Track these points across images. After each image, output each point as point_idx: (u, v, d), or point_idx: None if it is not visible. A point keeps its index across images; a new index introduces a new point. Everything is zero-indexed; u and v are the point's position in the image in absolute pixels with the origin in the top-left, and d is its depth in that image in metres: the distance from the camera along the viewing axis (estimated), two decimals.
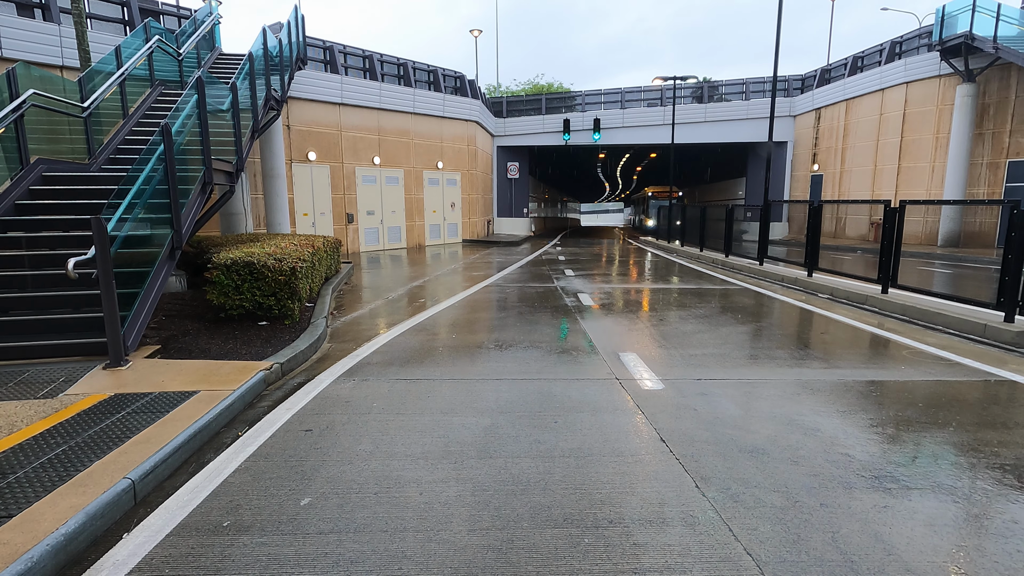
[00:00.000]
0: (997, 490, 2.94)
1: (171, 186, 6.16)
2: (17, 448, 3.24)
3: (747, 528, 2.61)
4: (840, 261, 13.51)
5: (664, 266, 14.69)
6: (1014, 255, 6.07)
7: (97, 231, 4.67)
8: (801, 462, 3.27)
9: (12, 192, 6.87)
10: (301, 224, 17.44)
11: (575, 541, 2.52)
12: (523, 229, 30.21)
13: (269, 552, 2.46)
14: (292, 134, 17.10)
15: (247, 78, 9.72)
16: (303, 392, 4.59)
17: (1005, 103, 18.21)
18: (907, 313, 7.49)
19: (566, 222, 61.03)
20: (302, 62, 16.38)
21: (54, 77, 8.07)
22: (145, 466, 3.03)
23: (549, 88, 47.30)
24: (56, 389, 4.27)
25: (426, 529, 2.62)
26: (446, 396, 4.45)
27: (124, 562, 2.41)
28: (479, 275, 12.50)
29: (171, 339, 5.89)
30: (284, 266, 6.67)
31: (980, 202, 12.58)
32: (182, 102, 6.94)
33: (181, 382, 4.45)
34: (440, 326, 7.13)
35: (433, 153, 21.85)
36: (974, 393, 4.49)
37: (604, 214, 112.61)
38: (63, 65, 12.08)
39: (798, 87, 27.73)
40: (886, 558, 2.38)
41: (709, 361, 5.41)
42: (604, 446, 3.50)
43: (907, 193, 20.72)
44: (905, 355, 5.64)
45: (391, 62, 21.51)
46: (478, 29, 31.19)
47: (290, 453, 3.44)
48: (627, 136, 28.71)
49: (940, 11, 18.67)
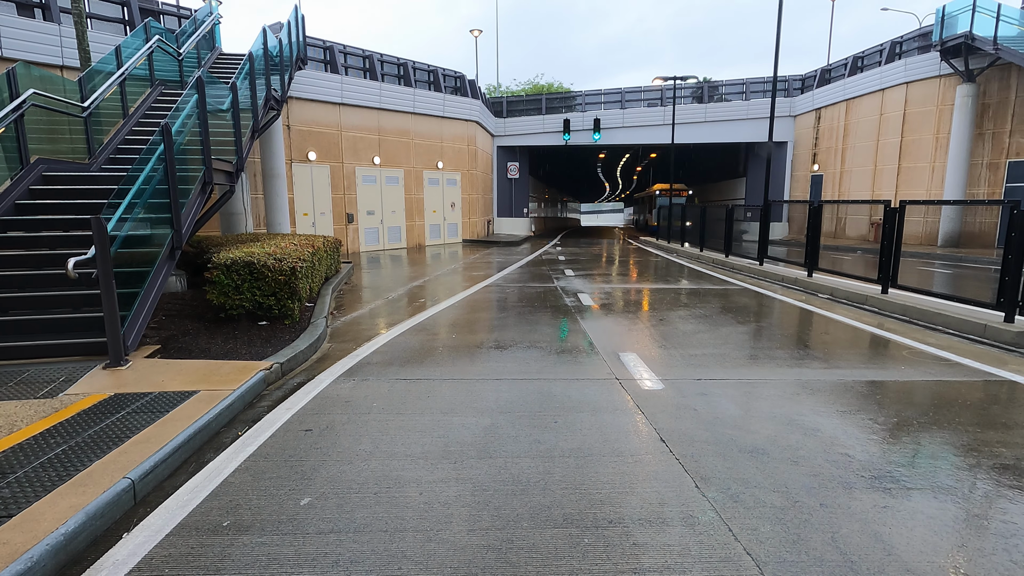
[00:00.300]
0: (997, 490, 2.95)
1: (171, 186, 6.16)
2: (17, 448, 3.24)
3: (747, 528, 2.61)
4: (840, 261, 13.51)
5: (664, 266, 14.69)
6: (1014, 255, 6.07)
7: (97, 231, 4.67)
8: (801, 462, 3.27)
9: (12, 192, 6.87)
10: (301, 224, 17.44)
11: (575, 541, 2.52)
12: (523, 229, 30.22)
13: (269, 552, 2.46)
14: (292, 134, 17.11)
15: (247, 78, 9.72)
16: (303, 392, 4.59)
17: (1005, 103, 18.21)
18: (907, 313, 7.49)
19: (566, 222, 61.02)
20: (302, 62, 16.38)
21: (54, 77, 8.07)
22: (145, 466, 3.03)
23: (549, 88, 47.30)
24: (56, 389, 4.27)
25: (426, 529, 2.62)
26: (446, 396, 4.45)
27: (124, 562, 2.41)
28: (479, 275, 12.50)
29: (171, 339, 5.89)
30: (284, 266, 6.67)
31: (980, 202, 12.60)
32: (182, 102, 6.94)
33: (181, 382, 4.45)
34: (440, 326, 7.13)
35: (433, 153, 21.85)
36: (974, 393, 4.49)
37: (604, 214, 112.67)
38: (63, 65, 12.08)
39: (798, 87, 27.74)
40: (886, 558, 2.38)
41: (709, 361, 5.41)
42: (604, 446, 3.50)
43: (907, 193, 20.72)
44: (905, 355, 5.64)
45: (391, 62, 21.51)
46: (478, 29, 31.19)
47: (290, 453, 3.44)
48: (627, 136, 28.71)
49: (940, 11, 18.67)
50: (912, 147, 20.66)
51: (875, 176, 22.22)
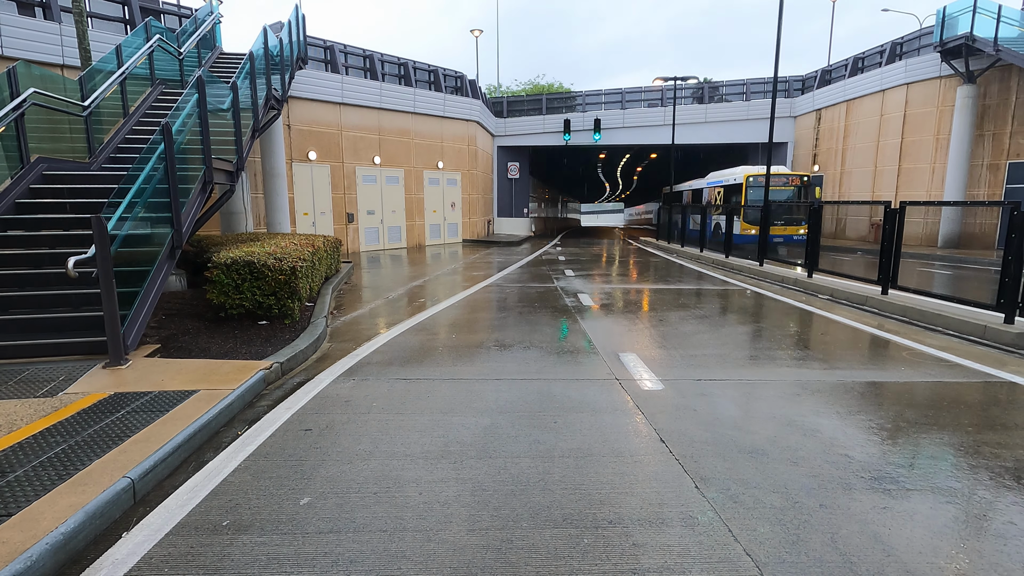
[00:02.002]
0: (996, 492, 2.94)
1: (171, 185, 6.15)
2: (17, 447, 3.24)
3: (746, 529, 2.61)
4: (840, 262, 13.50)
5: (664, 266, 14.69)
6: (1014, 256, 6.07)
7: (97, 230, 4.67)
8: (800, 463, 3.27)
9: (12, 191, 6.87)
10: (301, 223, 17.43)
11: (574, 541, 2.52)
12: (523, 229, 30.21)
13: (268, 551, 2.46)
14: (292, 133, 17.10)
15: (248, 77, 9.72)
16: (303, 391, 4.59)
17: (1006, 104, 18.20)
18: (907, 314, 7.48)
19: (566, 222, 61.03)
20: (303, 61, 16.38)
21: (55, 76, 8.08)
22: (145, 465, 3.03)
23: (550, 88, 47.31)
24: (56, 388, 4.27)
25: (425, 529, 2.62)
26: (446, 396, 4.45)
27: (123, 561, 2.41)
28: (479, 275, 12.50)
29: (171, 338, 5.89)
30: (284, 265, 6.67)
31: (980, 203, 12.60)
32: (183, 101, 6.93)
33: (181, 381, 4.45)
34: (440, 326, 7.13)
35: (433, 153, 21.85)
36: (974, 394, 4.49)
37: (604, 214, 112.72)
38: (64, 64, 12.08)
39: (798, 88, 27.73)
40: (885, 559, 2.38)
41: (709, 362, 5.41)
42: (603, 446, 3.50)
43: (907, 194, 20.72)
44: (905, 356, 5.64)
45: (392, 62, 21.51)
46: (479, 29, 31.19)
47: (289, 452, 3.44)
48: (627, 136, 28.70)
49: (941, 12, 18.67)
50: (912, 148, 20.66)
51: (875, 177, 22.21)
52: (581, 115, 28.46)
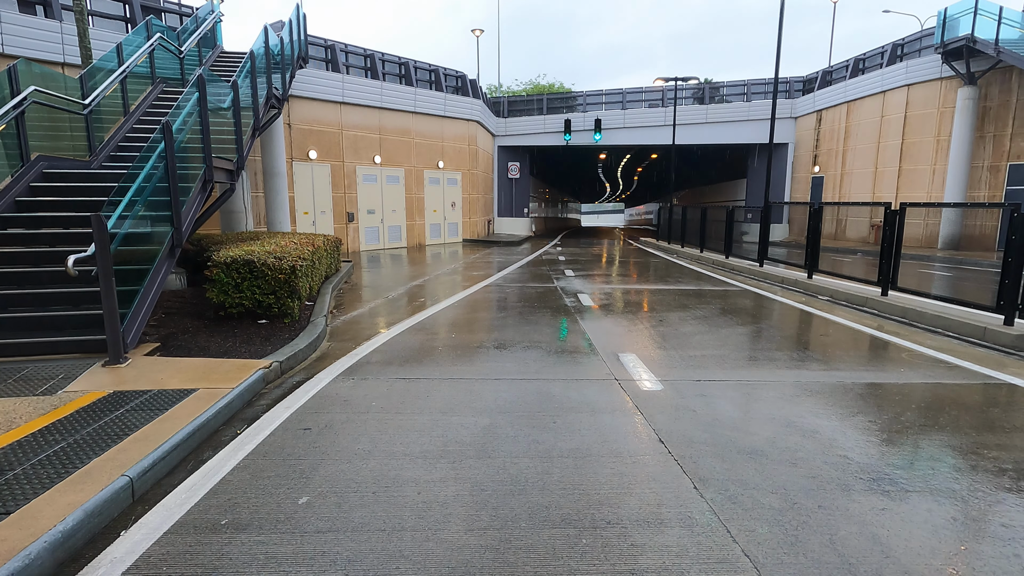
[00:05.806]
0: (995, 493, 2.94)
1: (171, 184, 6.15)
2: (16, 445, 3.24)
3: (745, 529, 2.61)
4: (840, 263, 13.51)
5: (664, 267, 14.69)
6: (1014, 258, 6.07)
7: (97, 228, 4.67)
8: (799, 464, 3.27)
9: (12, 189, 6.87)
10: (301, 223, 17.42)
11: (573, 541, 2.52)
12: (523, 229, 30.20)
13: (267, 550, 2.46)
14: (293, 132, 17.10)
15: (248, 76, 9.72)
16: (302, 391, 4.59)
17: (1006, 106, 18.20)
18: (907, 316, 7.48)
19: (567, 222, 60.99)
20: (303, 60, 16.37)
21: (55, 74, 8.07)
22: (143, 463, 3.03)
23: (550, 88, 47.29)
24: (55, 386, 4.27)
25: (424, 528, 2.62)
26: (445, 396, 4.45)
27: (122, 559, 2.41)
28: (479, 275, 12.49)
29: (170, 337, 5.89)
30: (284, 264, 6.67)
31: (980, 205, 12.61)
32: (183, 100, 6.93)
33: (180, 380, 4.45)
34: (440, 325, 7.13)
35: (434, 152, 21.84)
36: (973, 396, 4.49)
37: (604, 214, 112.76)
38: (64, 62, 12.07)
39: (799, 89, 27.73)
40: (884, 560, 2.38)
41: (708, 362, 5.41)
42: (602, 447, 3.50)
43: (908, 195, 20.71)
44: (904, 357, 5.64)
45: (392, 61, 21.50)
46: (480, 29, 31.18)
47: (288, 452, 3.44)
48: (628, 137, 28.68)
49: (942, 14, 18.67)
50: (913, 149, 20.65)
51: (876, 178, 22.21)
52: (582, 115, 28.44)
